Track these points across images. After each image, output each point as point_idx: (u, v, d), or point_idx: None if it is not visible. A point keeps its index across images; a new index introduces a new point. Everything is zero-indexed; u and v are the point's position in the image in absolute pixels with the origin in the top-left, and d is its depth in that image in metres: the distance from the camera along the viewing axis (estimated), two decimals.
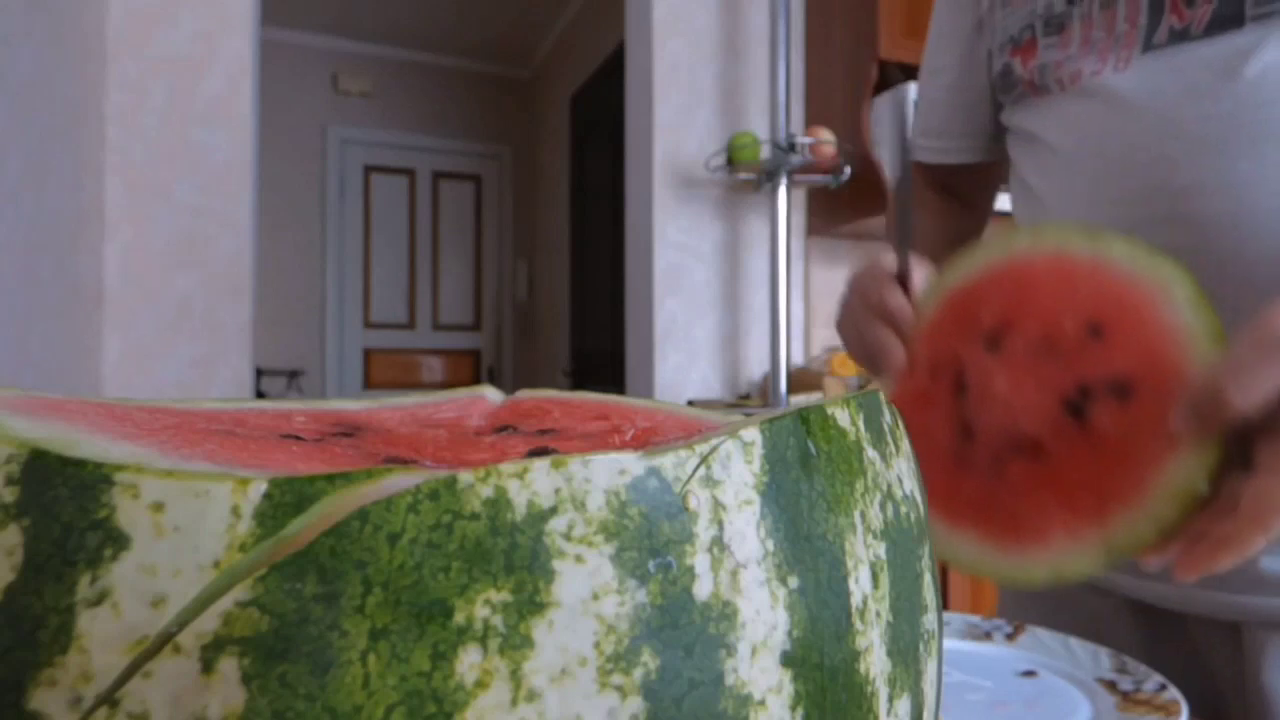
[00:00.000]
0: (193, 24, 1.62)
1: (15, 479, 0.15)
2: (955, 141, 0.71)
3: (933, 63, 0.72)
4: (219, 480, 0.15)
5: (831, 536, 0.19)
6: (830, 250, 2.24)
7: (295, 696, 0.14)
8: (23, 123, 1.06)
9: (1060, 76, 0.56)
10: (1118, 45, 0.53)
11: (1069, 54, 0.55)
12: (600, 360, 3.15)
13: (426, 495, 0.15)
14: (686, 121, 2.08)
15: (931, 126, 0.73)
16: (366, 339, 4.08)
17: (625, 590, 0.16)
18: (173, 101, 1.61)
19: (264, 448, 0.20)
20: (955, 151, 0.71)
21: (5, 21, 0.98)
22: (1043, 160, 0.59)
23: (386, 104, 4.10)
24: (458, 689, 0.15)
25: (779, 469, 0.19)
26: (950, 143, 0.71)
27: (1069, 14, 0.55)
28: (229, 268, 1.64)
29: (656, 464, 0.17)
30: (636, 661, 0.16)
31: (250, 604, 0.14)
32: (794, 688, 0.18)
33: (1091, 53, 0.54)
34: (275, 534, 0.15)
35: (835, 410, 0.21)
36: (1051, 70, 0.56)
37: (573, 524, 0.16)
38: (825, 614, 0.18)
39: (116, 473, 0.15)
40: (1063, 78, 0.56)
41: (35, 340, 1.15)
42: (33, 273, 1.12)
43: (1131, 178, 0.52)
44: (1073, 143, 0.56)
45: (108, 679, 0.14)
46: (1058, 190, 0.58)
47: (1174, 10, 0.50)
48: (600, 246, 3.19)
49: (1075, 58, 0.55)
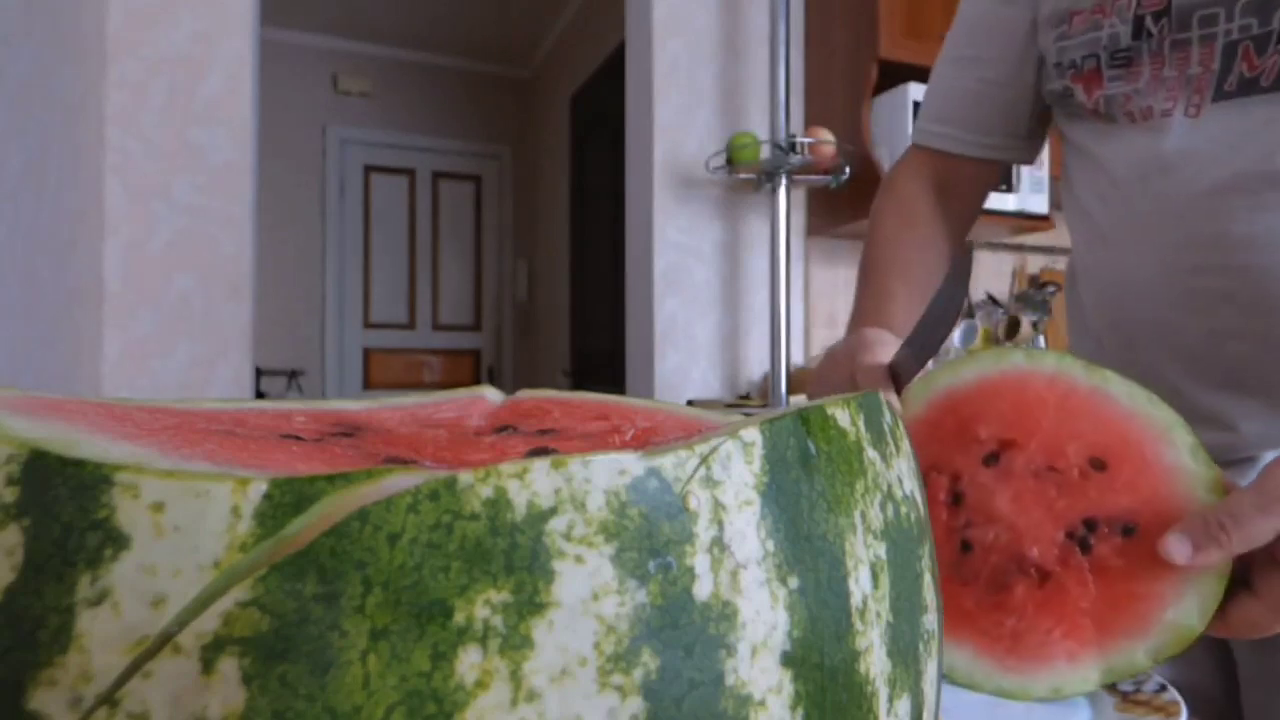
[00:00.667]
0: (192, 24, 1.62)
1: (15, 479, 0.15)
2: (984, 137, 0.68)
3: (967, 51, 0.69)
4: (219, 480, 0.15)
5: (831, 536, 0.19)
6: (830, 250, 2.24)
7: (295, 696, 0.14)
8: (22, 123, 1.06)
9: (1131, 110, 0.56)
10: (1188, 88, 0.53)
11: (1138, 88, 0.55)
12: (600, 360, 3.15)
13: (426, 495, 0.15)
14: (686, 121, 2.08)
15: (956, 115, 0.69)
16: (366, 339, 4.08)
17: (625, 590, 0.16)
18: (172, 101, 1.60)
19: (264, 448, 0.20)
20: (981, 146, 0.69)
21: (5, 21, 0.98)
22: (1102, 187, 0.59)
23: (386, 104, 4.10)
24: (458, 689, 0.15)
25: (779, 469, 0.19)
26: (978, 136, 0.68)
27: (1138, 49, 0.54)
28: (229, 268, 1.64)
29: (656, 464, 0.17)
30: (636, 661, 0.16)
31: (250, 604, 0.14)
32: (794, 688, 0.18)
33: (1162, 89, 0.54)
34: (275, 534, 0.15)
35: (835, 410, 0.21)
36: (1120, 103, 0.56)
37: (573, 524, 0.16)
38: (825, 614, 0.18)
39: (116, 473, 0.15)
40: (1133, 111, 0.56)
41: (35, 340, 1.15)
42: (33, 273, 1.12)
43: (1190, 225, 0.53)
44: (1137, 179, 0.56)
45: (108, 679, 0.14)
46: (1116, 223, 0.58)
47: (1245, 58, 0.50)
48: (600, 246, 3.19)
49: (1145, 94, 0.55)
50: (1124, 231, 0.57)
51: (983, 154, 0.69)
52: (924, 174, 0.72)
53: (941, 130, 0.70)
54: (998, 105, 0.67)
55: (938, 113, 0.71)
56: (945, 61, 0.71)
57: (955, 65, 0.70)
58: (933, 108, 0.71)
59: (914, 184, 0.72)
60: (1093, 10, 0.57)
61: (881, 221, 0.71)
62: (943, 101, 0.71)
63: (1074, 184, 0.63)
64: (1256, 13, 0.49)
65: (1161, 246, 0.55)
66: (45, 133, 1.16)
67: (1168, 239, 0.54)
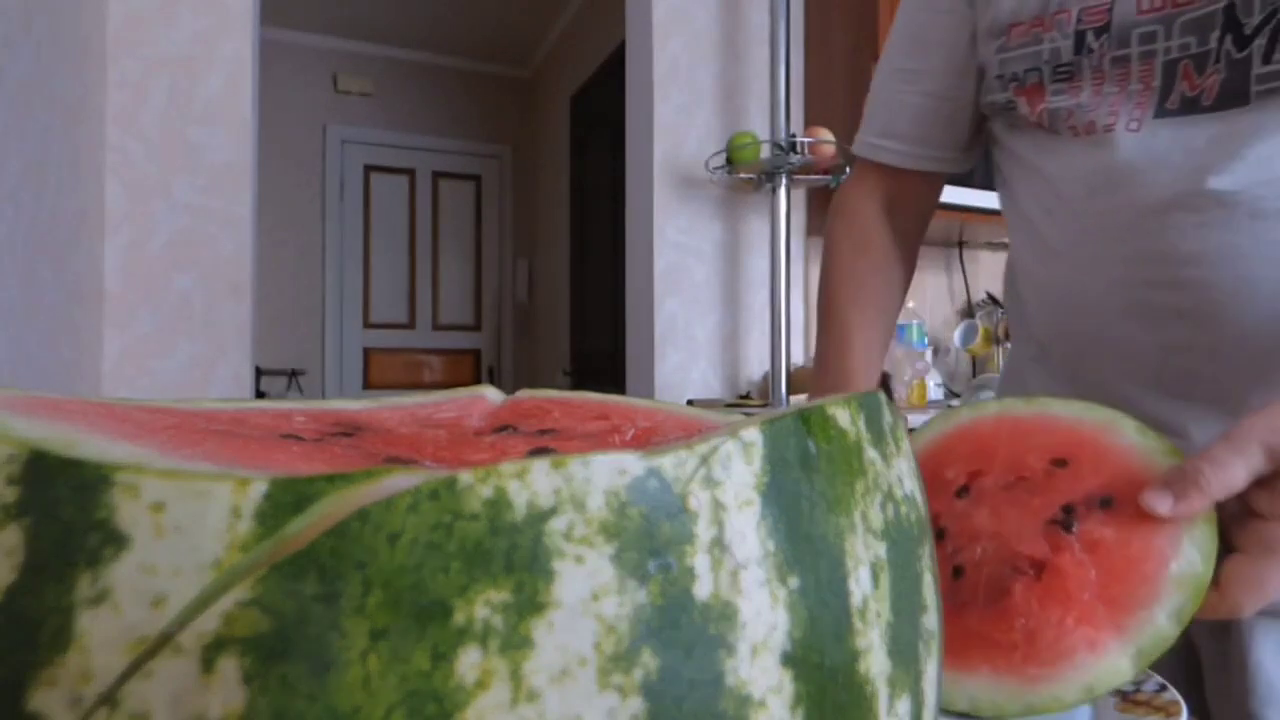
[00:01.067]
0: (192, 24, 1.62)
1: (15, 479, 0.15)
2: (929, 150, 0.69)
3: (908, 63, 0.69)
4: (219, 480, 0.15)
5: (832, 536, 0.19)
6: None
7: (295, 696, 0.14)
8: (23, 123, 1.06)
9: (1074, 124, 0.56)
10: (1130, 103, 0.53)
11: (1080, 103, 0.55)
12: (600, 360, 3.15)
13: (426, 495, 0.15)
14: (686, 121, 2.08)
15: (901, 130, 0.70)
16: (366, 339, 4.08)
17: (625, 590, 0.16)
18: (172, 101, 1.60)
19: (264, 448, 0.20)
20: (929, 160, 0.70)
21: (5, 21, 0.98)
22: (1048, 201, 0.60)
23: (386, 104, 4.10)
24: (458, 689, 0.15)
25: (779, 469, 0.19)
26: (923, 150, 0.70)
27: (1079, 64, 0.55)
28: (229, 267, 1.64)
29: (656, 464, 0.17)
30: (636, 662, 0.16)
31: (250, 604, 0.14)
32: (794, 688, 0.18)
33: (1104, 104, 0.54)
34: (275, 534, 0.15)
35: (835, 410, 0.21)
36: (1064, 117, 0.57)
37: (573, 524, 0.16)
38: (825, 614, 0.18)
39: (116, 473, 0.15)
40: (1076, 125, 0.56)
41: (35, 340, 1.15)
42: (33, 273, 1.12)
43: (1139, 240, 0.53)
44: (1084, 193, 0.56)
45: (108, 679, 0.14)
46: (1064, 236, 0.58)
47: (1185, 77, 0.51)
48: (600, 246, 3.19)
49: (1087, 108, 0.55)
50: (1072, 246, 0.58)
51: (930, 167, 0.70)
52: (874, 194, 0.73)
53: (888, 145, 0.71)
54: (941, 118, 0.68)
55: (883, 127, 0.71)
56: (886, 73, 0.71)
57: (897, 78, 0.70)
58: (877, 121, 0.72)
59: (865, 205, 0.73)
60: (1031, 24, 0.57)
61: (836, 248, 0.74)
62: (887, 115, 0.71)
63: (1016, 193, 0.64)
64: (1195, 32, 0.50)
65: (1110, 261, 0.55)
66: (45, 133, 1.16)
67: (1116, 254, 0.55)
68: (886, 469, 0.22)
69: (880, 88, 0.72)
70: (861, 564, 0.20)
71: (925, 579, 0.23)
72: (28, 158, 1.08)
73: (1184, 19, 0.50)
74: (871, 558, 0.20)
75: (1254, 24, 0.48)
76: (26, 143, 1.08)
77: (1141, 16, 0.52)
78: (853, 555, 0.20)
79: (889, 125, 0.71)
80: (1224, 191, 0.49)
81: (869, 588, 0.20)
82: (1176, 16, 0.50)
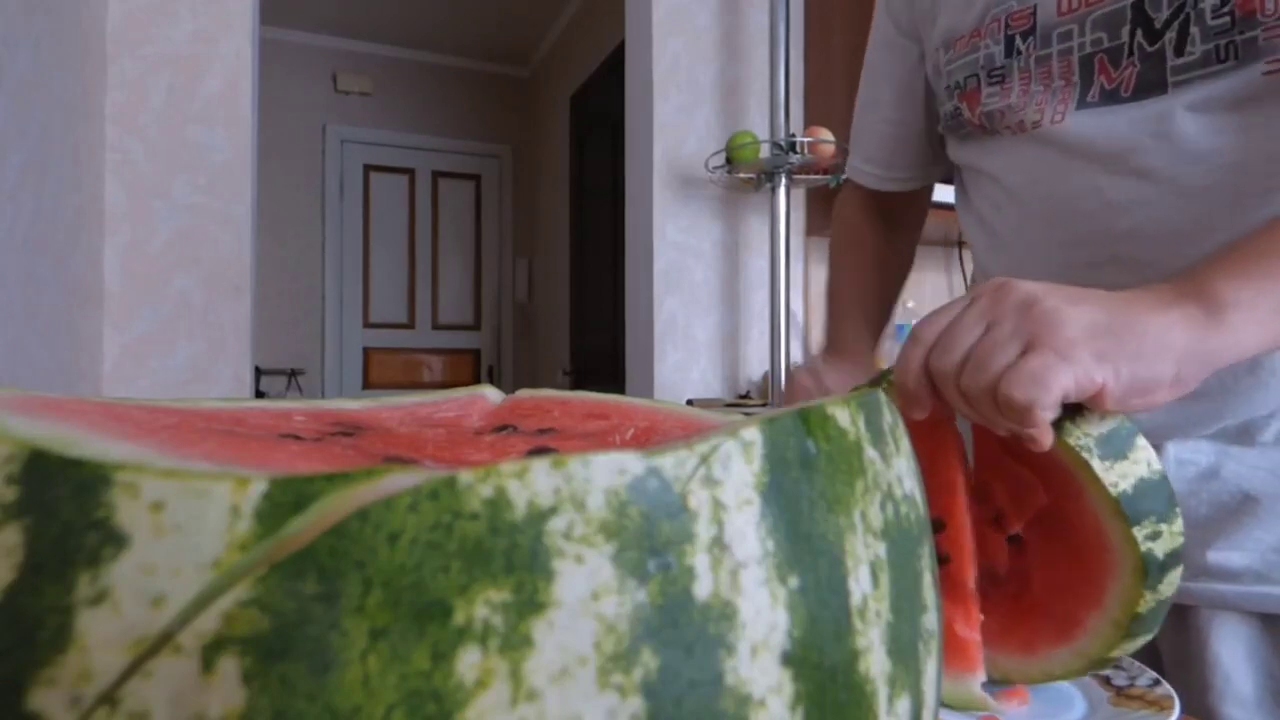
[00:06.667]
0: (192, 23, 1.62)
1: (15, 479, 0.15)
2: (897, 172, 0.77)
3: (868, 94, 0.77)
4: (219, 480, 0.15)
5: (831, 536, 0.19)
6: None
7: (295, 696, 0.14)
8: (23, 122, 1.06)
9: (1009, 123, 0.60)
10: (1054, 99, 0.56)
11: (1010, 103, 0.59)
12: (600, 360, 3.15)
13: (426, 495, 0.15)
14: (686, 121, 2.08)
15: (876, 155, 0.77)
16: (366, 338, 4.07)
17: (625, 590, 0.16)
18: (172, 101, 1.60)
19: (264, 447, 0.20)
20: (896, 181, 0.77)
21: (5, 21, 0.98)
22: (996, 196, 0.63)
23: (386, 104, 4.10)
24: (458, 689, 0.15)
25: (779, 469, 0.19)
26: (892, 173, 0.77)
27: (1009, 66, 0.59)
28: (229, 267, 1.64)
29: (656, 464, 0.17)
30: (636, 661, 0.16)
31: (250, 604, 0.14)
32: (794, 687, 0.18)
33: (1030, 103, 0.58)
34: (275, 533, 0.15)
35: (835, 410, 0.21)
36: (998, 117, 0.60)
37: (573, 524, 0.16)
38: (825, 614, 0.18)
39: (116, 472, 0.15)
40: (1010, 124, 0.60)
41: (35, 340, 1.15)
42: (32, 272, 1.12)
43: (1078, 222, 0.56)
44: (1024, 183, 0.60)
45: (107, 678, 0.14)
46: (1012, 227, 0.62)
47: (1102, 71, 0.54)
48: (600, 246, 3.18)
49: (1017, 108, 0.58)
50: (1018, 234, 0.61)
51: (905, 187, 0.77)
52: (866, 203, 0.81)
53: (868, 169, 0.78)
54: (900, 141, 0.75)
55: (863, 152, 0.79)
56: (859, 105, 0.79)
57: (864, 109, 0.78)
58: (858, 147, 0.80)
59: (859, 212, 0.81)
60: (971, 35, 0.61)
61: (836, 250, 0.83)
62: (863, 142, 0.79)
63: (971, 200, 0.68)
64: (1105, 28, 0.53)
65: (1055, 245, 0.58)
66: (45, 132, 1.16)
67: (1059, 237, 0.57)
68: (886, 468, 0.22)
69: (856, 117, 0.80)
70: (861, 563, 0.20)
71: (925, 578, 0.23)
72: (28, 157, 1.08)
73: (1095, 16, 0.53)
74: (871, 557, 0.20)
75: (1163, 19, 0.51)
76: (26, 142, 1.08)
77: (1061, 17, 0.55)
78: (852, 555, 0.19)
79: (866, 151, 0.78)
80: (1151, 169, 0.52)
81: (869, 587, 0.20)
82: (1089, 14, 0.54)
